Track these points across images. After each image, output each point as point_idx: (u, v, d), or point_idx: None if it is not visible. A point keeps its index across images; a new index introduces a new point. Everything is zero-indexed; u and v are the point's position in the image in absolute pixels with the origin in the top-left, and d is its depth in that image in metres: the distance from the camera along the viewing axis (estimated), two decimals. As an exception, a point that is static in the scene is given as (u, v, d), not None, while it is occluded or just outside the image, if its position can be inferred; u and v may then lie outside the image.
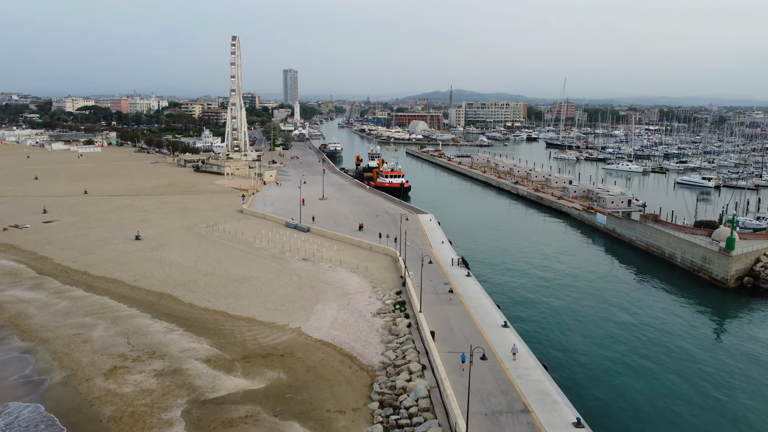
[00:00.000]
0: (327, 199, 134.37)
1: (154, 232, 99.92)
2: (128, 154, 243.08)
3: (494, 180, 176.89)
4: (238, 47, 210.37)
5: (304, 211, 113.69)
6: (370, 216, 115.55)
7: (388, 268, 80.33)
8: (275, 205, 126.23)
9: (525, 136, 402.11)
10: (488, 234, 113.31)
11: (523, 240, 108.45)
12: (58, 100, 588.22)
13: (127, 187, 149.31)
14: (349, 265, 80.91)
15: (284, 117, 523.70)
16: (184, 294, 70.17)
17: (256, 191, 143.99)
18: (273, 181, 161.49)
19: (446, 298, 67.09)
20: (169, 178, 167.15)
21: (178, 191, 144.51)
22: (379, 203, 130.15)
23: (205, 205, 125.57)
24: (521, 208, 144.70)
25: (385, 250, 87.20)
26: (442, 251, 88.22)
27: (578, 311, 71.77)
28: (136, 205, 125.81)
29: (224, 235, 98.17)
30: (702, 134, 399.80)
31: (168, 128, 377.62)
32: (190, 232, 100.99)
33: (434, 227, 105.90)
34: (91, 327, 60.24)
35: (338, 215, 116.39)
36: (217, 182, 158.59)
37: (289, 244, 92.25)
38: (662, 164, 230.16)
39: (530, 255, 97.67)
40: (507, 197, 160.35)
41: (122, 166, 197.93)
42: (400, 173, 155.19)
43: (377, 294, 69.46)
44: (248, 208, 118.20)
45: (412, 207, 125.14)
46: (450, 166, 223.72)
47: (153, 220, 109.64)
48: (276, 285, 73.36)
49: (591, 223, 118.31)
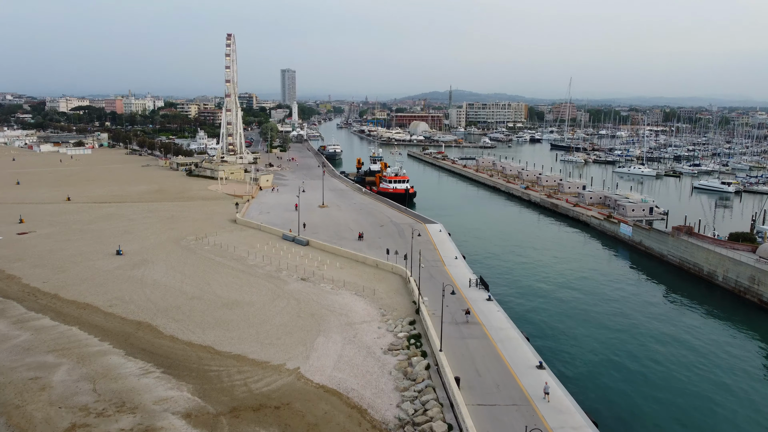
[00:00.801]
0: (327, 206, 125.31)
1: (138, 246, 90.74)
2: (119, 156, 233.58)
3: (503, 185, 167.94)
4: (233, 45, 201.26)
5: (303, 219, 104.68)
6: (374, 226, 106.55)
7: (398, 290, 71.28)
8: (271, 214, 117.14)
9: (528, 138, 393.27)
10: (502, 246, 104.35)
11: (540, 253, 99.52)
12: (51, 100, 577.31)
13: (113, 193, 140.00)
14: (353, 287, 71.87)
15: (282, 117, 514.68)
16: (166, 323, 61.06)
17: (252, 197, 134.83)
18: (269, 187, 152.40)
19: (467, 330, 58.19)
20: (159, 182, 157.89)
21: (167, 198, 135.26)
22: (384, 211, 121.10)
23: (195, 214, 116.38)
24: (533, 216, 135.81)
25: (394, 268, 78.16)
26: (457, 269, 79.26)
27: (612, 343, 62.87)
28: (122, 213, 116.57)
29: (215, 250, 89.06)
30: (708, 135, 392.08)
31: (163, 129, 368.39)
32: (177, 245, 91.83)
33: (445, 239, 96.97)
34: (52, 368, 51.09)
35: (339, 225, 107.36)
36: (210, 187, 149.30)
37: (287, 260, 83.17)
38: (674, 167, 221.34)
39: (550, 271, 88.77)
40: (517, 203, 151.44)
41: (111, 169, 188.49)
42: (404, 178, 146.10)
43: (387, 324, 60.41)
44: (242, 217, 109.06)
45: (419, 216, 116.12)
46: (454, 169, 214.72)
47: (137, 232, 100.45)
48: (271, 311, 64.31)
49: (614, 234, 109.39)
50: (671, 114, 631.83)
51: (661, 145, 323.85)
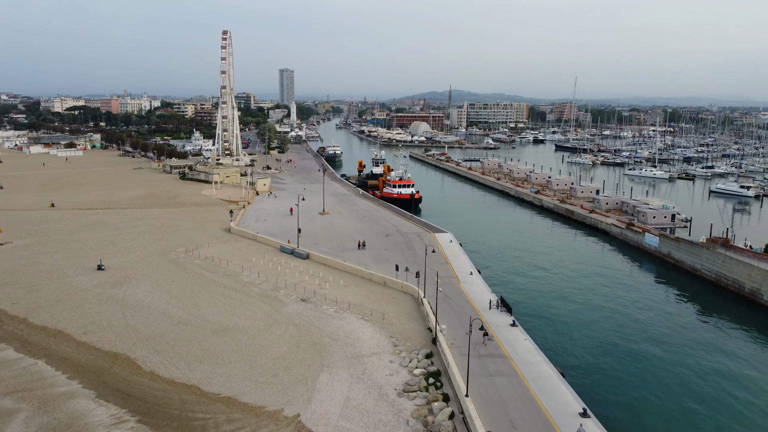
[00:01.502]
0: (328, 213, 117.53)
1: (122, 260, 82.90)
2: (111, 158, 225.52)
3: (512, 189, 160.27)
4: (229, 42, 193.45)
5: (303, 228, 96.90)
6: (379, 236, 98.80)
7: (410, 314, 63.52)
8: (269, 222, 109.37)
9: (531, 138, 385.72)
10: (517, 258, 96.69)
11: (559, 266, 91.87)
12: (46, 99, 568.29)
13: (101, 199, 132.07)
14: (360, 309, 64.13)
15: (280, 118, 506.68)
16: (147, 356, 53.27)
17: (248, 203, 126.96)
18: (267, 191, 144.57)
19: (493, 365, 50.54)
20: (150, 187, 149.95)
21: (158, 204, 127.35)
22: (389, 219, 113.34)
23: (187, 222, 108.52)
24: (546, 223, 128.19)
25: (404, 287, 70.41)
26: (474, 287, 71.56)
27: (652, 379, 55.26)
28: (108, 221, 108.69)
29: (206, 264, 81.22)
30: (714, 136, 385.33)
31: (158, 129, 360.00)
32: (165, 258, 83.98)
33: (457, 251, 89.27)
34: (7, 417, 43.32)
35: (342, 235, 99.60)
36: (204, 192, 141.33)
37: (285, 277, 75.39)
38: (687, 170, 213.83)
39: (572, 287, 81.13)
40: (528, 209, 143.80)
41: (101, 172, 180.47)
42: (409, 182, 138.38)
43: (401, 357, 52.67)
44: (236, 227, 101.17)
45: (427, 224, 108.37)
46: (459, 171, 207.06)
47: (123, 243, 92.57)
48: (267, 340, 56.54)
49: (637, 244, 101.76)
50: (674, 114, 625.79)
51: (669, 146, 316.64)
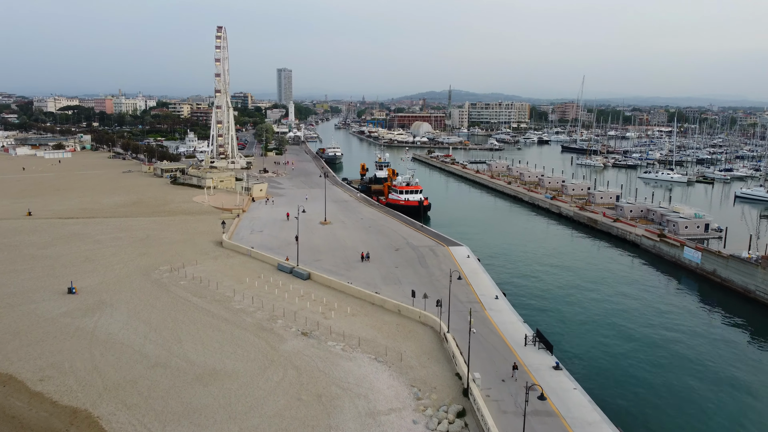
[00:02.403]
0: (330, 222, 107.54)
1: (98, 280, 72.88)
2: (101, 160, 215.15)
3: (525, 194, 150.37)
4: (224, 39, 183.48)
5: (303, 240, 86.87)
6: (388, 250, 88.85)
7: (432, 352, 53.56)
8: (265, 233, 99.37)
9: (536, 139, 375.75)
10: (541, 275, 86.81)
11: (590, 286, 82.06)
12: (39, 99, 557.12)
13: (83, 206, 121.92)
14: (372, 346, 54.18)
15: (278, 118, 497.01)
16: (113, 412, 43.33)
17: (242, 211, 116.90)
18: (263, 197, 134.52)
19: (540, 426, 40.70)
20: (138, 192, 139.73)
21: (145, 212, 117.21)
22: (397, 229, 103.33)
23: (175, 234, 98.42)
24: (565, 232, 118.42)
25: (423, 317, 60.42)
26: (502, 316, 61.68)
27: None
28: (88, 233, 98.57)
29: (193, 286, 71.22)
30: (722, 136, 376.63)
31: (152, 130, 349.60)
32: (147, 279, 73.96)
33: (476, 268, 79.38)
34: None
35: (346, 248, 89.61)
36: (196, 199, 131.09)
37: (283, 303, 65.41)
38: (705, 173, 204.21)
39: (610, 313, 71.38)
40: (544, 216, 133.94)
41: (88, 176, 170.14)
42: (417, 188, 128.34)
43: (426, 415, 42.76)
44: (229, 240, 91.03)
45: (439, 236, 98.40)
46: (466, 174, 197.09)
47: (102, 259, 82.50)
48: (263, 390, 46.61)
49: (673, 259, 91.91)
50: (676, 114, 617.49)
51: (678, 147, 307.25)
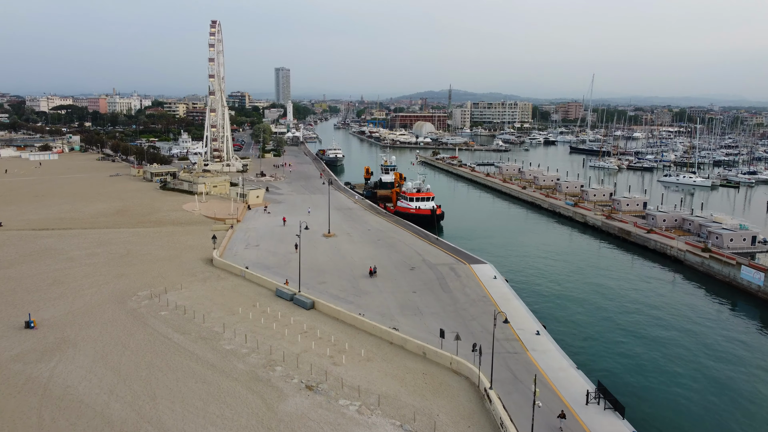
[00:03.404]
0: (334, 234, 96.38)
1: (63, 310, 61.67)
2: (89, 162, 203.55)
3: (543, 200, 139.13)
4: (219, 33, 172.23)
5: (305, 257, 75.54)
6: (402, 268, 77.70)
7: (473, 417, 42.36)
8: (261, 248, 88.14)
9: (542, 140, 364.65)
10: (579, 299, 75.73)
11: (632, 312, 71.07)
12: (31, 98, 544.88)
13: (62, 215, 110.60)
14: (395, 407, 43.02)
15: (276, 118, 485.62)
16: None
17: (237, 221, 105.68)
18: (260, 205, 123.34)
19: None
20: (124, 199, 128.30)
21: (129, 222, 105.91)
22: (409, 243, 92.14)
23: (159, 249, 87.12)
24: (592, 244, 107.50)
25: (454, 363, 49.18)
26: (550, 360, 50.60)
27: None
28: (61, 248, 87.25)
29: (175, 318, 60.00)
30: (732, 137, 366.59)
31: (146, 130, 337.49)
32: (122, 308, 62.71)
33: (506, 293, 68.34)
34: None
35: (354, 266, 78.44)
36: (186, 206, 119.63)
37: (282, 343, 54.19)
38: (727, 176, 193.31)
39: (668, 350, 60.36)
40: (567, 225, 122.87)
41: (72, 180, 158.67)
42: (429, 195, 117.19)
43: None
44: (220, 257, 79.68)
45: (458, 251, 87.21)
46: (476, 178, 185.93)
47: (72, 281, 71.25)
48: (255, 476, 35.47)
49: (727, 279, 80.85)
50: (681, 114, 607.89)
51: (691, 148, 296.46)
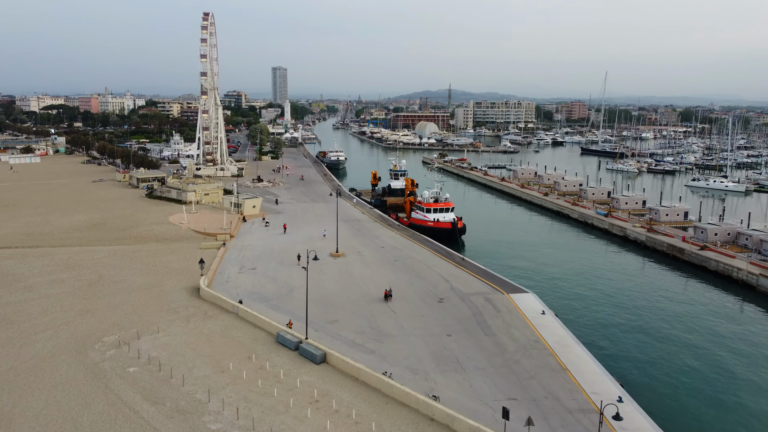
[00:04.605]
0: (343, 254, 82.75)
1: (4, 365, 47.96)
2: (73, 166, 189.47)
3: (572, 209, 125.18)
4: (212, 25, 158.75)
5: (310, 281, 61.79)
6: (430, 300, 64.11)
7: None
8: (258, 272, 74.51)
9: (550, 140, 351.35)
10: (653, 342, 62.43)
11: (714, 360, 57.82)
12: (21, 98, 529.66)
13: (30, 229, 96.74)
14: None
15: (273, 117, 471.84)
16: None
17: (230, 237, 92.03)
18: (257, 215, 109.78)
19: None
20: (103, 209, 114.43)
21: (106, 238, 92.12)
22: (432, 264, 78.47)
23: (137, 274, 73.38)
24: (636, 262, 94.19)
25: (527, 459, 35.82)
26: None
27: None
28: (20, 272, 73.45)
29: (147, 377, 46.28)
30: (744, 137, 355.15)
31: (138, 131, 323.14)
32: (80, 362, 48.97)
33: (564, 337, 54.86)
34: None
35: (370, 297, 64.81)
36: (173, 218, 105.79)
37: (287, 421, 40.46)
38: (759, 180, 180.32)
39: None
40: (599, 238, 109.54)
41: (49, 186, 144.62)
42: (448, 205, 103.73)
43: None
44: (209, 288, 65.84)
45: (490, 274, 73.67)
46: (490, 183, 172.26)
47: (24, 321, 57.50)
48: None
49: (819, 311, 67.67)
50: (686, 114, 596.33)
51: (707, 149, 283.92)
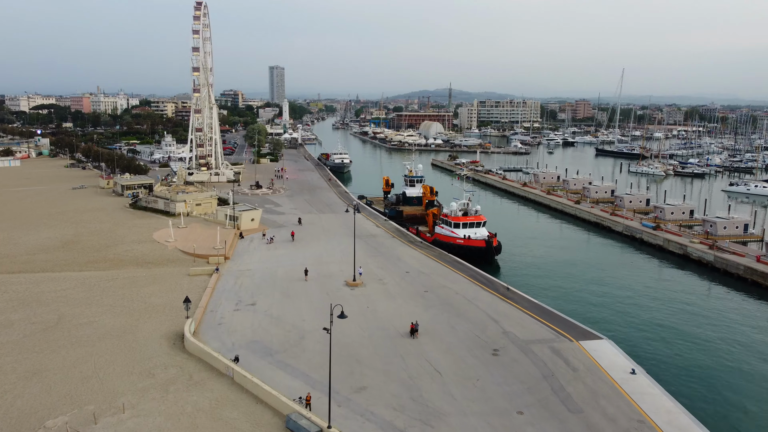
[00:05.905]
0: (362, 284, 68.13)
1: None
2: (54, 170, 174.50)
3: (615, 221, 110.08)
4: (205, 16, 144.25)
5: (319, 317, 47.26)
6: (480, 352, 49.64)
7: None
8: (259, 309, 59.77)
9: (561, 141, 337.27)
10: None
11: None
12: (11, 98, 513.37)
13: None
14: None
15: (271, 117, 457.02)
16: None
17: (225, 259, 77.32)
18: (256, 230, 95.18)
19: None
20: (79, 222, 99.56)
21: (76, 260, 77.31)
22: (471, 297, 63.90)
23: (106, 314, 58.55)
24: (699, 286, 79.97)
25: None
26: None
27: None
28: (-39, 311, 58.72)
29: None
30: (758, 136, 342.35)
31: (130, 131, 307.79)
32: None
33: (673, 412, 40.58)
34: None
35: (404, 349, 50.23)
36: (157, 235, 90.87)
37: None
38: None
39: None
40: (646, 253, 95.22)
41: (23, 195, 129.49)
42: (480, 219, 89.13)
43: None
44: (194, 339, 50.97)
45: (550, 313, 59.14)
46: (511, 188, 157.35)
47: (-55, 390, 42.82)
48: None
49: None
50: (690, 113, 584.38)
51: (725, 150, 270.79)
